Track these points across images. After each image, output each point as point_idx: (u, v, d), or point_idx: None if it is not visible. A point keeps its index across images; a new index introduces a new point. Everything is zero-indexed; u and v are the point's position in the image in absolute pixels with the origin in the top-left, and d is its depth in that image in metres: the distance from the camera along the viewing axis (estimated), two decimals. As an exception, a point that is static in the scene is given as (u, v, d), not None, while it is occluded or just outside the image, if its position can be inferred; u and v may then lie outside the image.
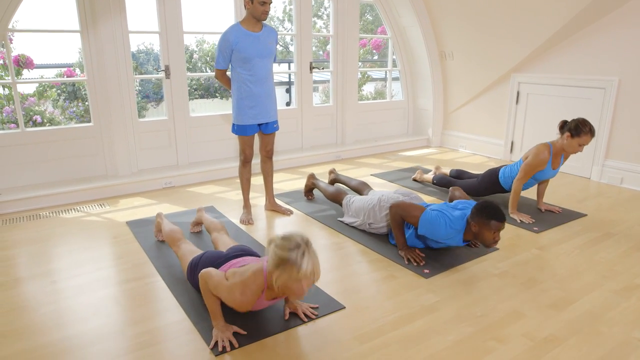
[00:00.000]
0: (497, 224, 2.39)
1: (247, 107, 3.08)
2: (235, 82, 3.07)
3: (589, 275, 2.51)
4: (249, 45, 2.96)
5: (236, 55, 2.97)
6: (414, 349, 1.90)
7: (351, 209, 3.16)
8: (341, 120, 5.28)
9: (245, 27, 2.97)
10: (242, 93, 3.06)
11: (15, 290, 2.36)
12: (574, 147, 3.13)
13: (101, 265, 2.63)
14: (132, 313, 2.15)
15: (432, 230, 2.54)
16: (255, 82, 3.05)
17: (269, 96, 3.15)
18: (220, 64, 3.05)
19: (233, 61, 3.02)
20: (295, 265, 1.69)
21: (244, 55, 2.96)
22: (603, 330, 2.03)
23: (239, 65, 3.01)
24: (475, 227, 2.45)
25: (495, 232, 2.40)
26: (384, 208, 2.90)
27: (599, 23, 4.00)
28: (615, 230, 3.12)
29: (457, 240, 2.57)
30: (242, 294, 1.84)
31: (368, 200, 3.04)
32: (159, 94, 6.48)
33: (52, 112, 4.89)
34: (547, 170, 3.25)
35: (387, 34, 5.64)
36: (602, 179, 4.18)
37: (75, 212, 3.47)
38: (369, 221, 3.00)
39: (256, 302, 1.89)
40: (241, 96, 3.07)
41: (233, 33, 2.94)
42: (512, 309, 2.19)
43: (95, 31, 3.70)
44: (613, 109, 4.01)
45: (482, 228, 2.42)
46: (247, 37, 2.95)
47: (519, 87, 4.74)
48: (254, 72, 3.01)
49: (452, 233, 2.52)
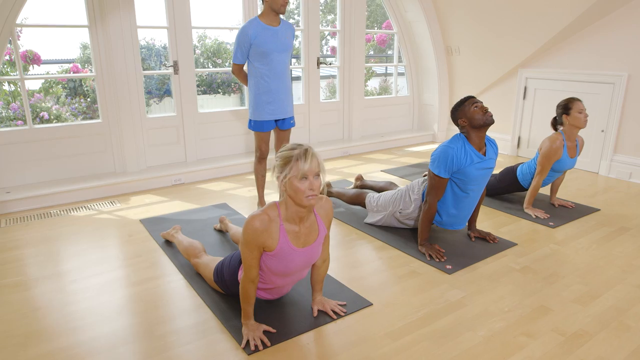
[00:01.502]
0: (469, 100, 2.57)
1: (265, 103, 3.05)
2: (253, 77, 3.04)
3: (610, 270, 2.53)
4: (267, 39, 2.92)
5: (255, 50, 2.94)
6: (447, 345, 1.90)
7: (379, 203, 3.07)
8: (348, 116, 5.26)
9: (264, 21, 2.93)
10: (260, 88, 3.02)
11: (36, 290, 2.32)
12: (576, 118, 3.15)
13: (119, 263, 2.60)
14: (158, 312, 2.13)
15: (445, 158, 2.54)
16: (273, 77, 3.02)
17: (287, 91, 3.12)
18: (238, 59, 3.01)
19: (251, 56, 2.98)
20: (299, 159, 1.72)
21: (262, 50, 2.92)
22: (631, 325, 2.04)
23: (257, 59, 2.98)
24: (463, 120, 2.58)
25: (475, 105, 2.54)
26: (415, 190, 2.87)
27: (607, 18, 4.01)
28: (630, 224, 3.14)
29: (472, 155, 2.56)
30: (261, 223, 1.80)
31: (396, 190, 3.04)
32: (161, 89, 6.42)
33: (58, 108, 4.83)
34: (564, 160, 3.24)
35: (392, 29, 5.62)
36: (611, 174, 4.20)
37: (86, 210, 3.43)
38: (399, 208, 2.93)
39: (284, 251, 1.85)
40: (259, 91, 3.04)
41: (252, 27, 2.91)
42: (538, 304, 2.20)
43: (103, 26, 3.64)
44: (622, 104, 4.03)
45: (466, 114, 2.56)
46: (266, 31, 2.92)
47: (527, 83, 4.74)
48: (272, 66, 2.98)
49: (459, 148, 2.56)
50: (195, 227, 3.08)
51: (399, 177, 4.25)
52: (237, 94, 7.19)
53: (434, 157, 2.62)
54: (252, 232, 1.80)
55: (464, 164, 2.56)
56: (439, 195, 2.64)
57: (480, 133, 2.56)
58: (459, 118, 2.59)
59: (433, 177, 2.62)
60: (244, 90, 6.64)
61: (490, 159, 2.65)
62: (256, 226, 1.80)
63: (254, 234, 1.80)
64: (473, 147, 2.57)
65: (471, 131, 2.57)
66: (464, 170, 2.57)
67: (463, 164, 2.55)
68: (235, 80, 7.01)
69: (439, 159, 2.57)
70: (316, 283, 2.13)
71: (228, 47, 7.10)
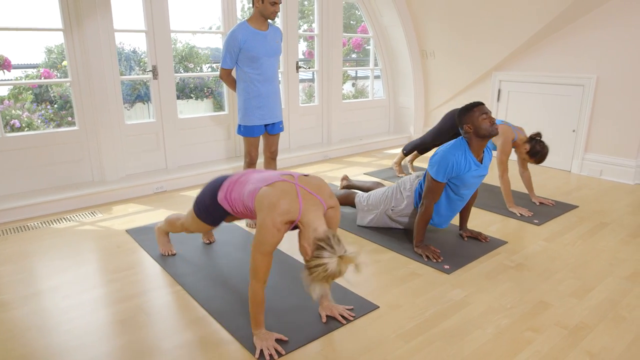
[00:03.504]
0: (479, 108, 2.56)
1: (255, 108, 3.02)
2: (242, 82, 3.00)
3: (597, 264, 2.64)
4: (257, 44, 2.90)
5: (244, 54, 2.91)
6: (459, 344, 1.93)
7: (369, 202, 3.07)
8: (327, 120, 5.28)
9: (253, 26, 2.91)
10: (250, 93, 2.99)
11: (26, 308, 2.19)
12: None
13: (112, 276, 2.50)
14: (162, 326, 2.06)
15: (446, 164, 2.55)
16: (263, 81, 3.00)
17: (276, 96, 3.10)
18: (227, 64, 2.97)
19: (240, 60, 2.95)
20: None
21: (252, 54, 2.90)
22: (625, 315, 2.14)
23: (246, 64, 2.94)
24: (468, 127, 2.56)
25: (484, 115, 2.53)
26: (407, 186, 2.90)
27: (577, 23, 4.21)
28: (608, 219, 3.29)
29: (471, 162, 2.59)
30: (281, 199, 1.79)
31: (386, 188, 3.05)
32: (132, 95, 6.22)
33: (28, 115, 4.59)
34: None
35: (368, 33, 5.68)
36: (583, 172, 4.40)
37: (66, 221, 3.27)
38: (391, 205, 2.94)
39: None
40: (249, 96, 3.00)
41: (241, 31, 2.88)
42: (537, 300, 2.27)
43: (79, 30, 3.50)
44: (592, 105, 4.23)
45: (473, 121, 2.54)
46: (255, 36, 2.90)
47: (500, 85, 4.90)
48: (262, 71, 2.96)
49: (460, 155, 2.57)
50: (186, 236, 3.00)
51: (382, 179, 4.30)
52: (210, 99, 7.07)
53: (433, 161, 2.63)
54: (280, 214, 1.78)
55: (463, 171, 2.60)
56: (435, 198, 2.68)
57: (483, 142, 2.59)
58: (465, 123, 2.57)
59: (431, 181, 2.64)
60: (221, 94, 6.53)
61: (485, 166, 2.71)
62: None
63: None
64: (473, 154, 2.61)
65: (474, 139, 2.58)
66: (461, 176, 2.62)
67: (462, 171, 2.59)
68: (208, 85, 6.91)
69: (439, 165, 2.59)
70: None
71: (199, 51, 6.99)
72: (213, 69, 7.21)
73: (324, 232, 1.69)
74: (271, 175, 1.97)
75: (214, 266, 2.60)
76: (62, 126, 5.24)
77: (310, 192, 1.83)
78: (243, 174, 2.16)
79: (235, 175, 2.18)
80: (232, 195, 2.09)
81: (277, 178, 1.92)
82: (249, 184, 2.02)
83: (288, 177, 1.92)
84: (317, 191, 1.85)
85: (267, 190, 1.85)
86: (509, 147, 3.39)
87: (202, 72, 7.00)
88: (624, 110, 4.05)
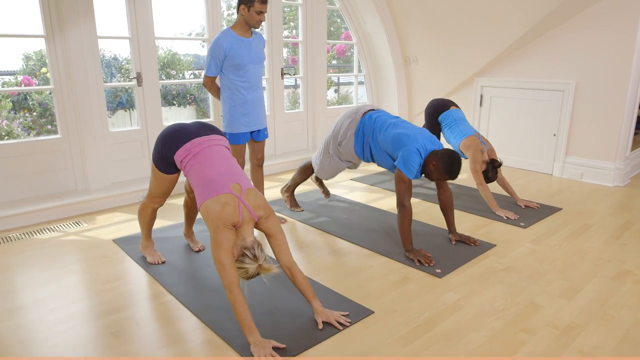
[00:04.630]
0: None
1: (240, 115, 3.01)
2: (227, 90, 2.99)
3: (583, 265, 2.70)
4: (242, 51, 2.90)
5: (229, 62, 2.90)
6: (455, 347, 1.94)
7: (320, 153, 3.40)
8: (312, 126, 5.29)
9: (237, 33, 2.91)
10: (235, 100, 2.99)
11: (12, 322, 2.13)
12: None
13: (100, 287, 2.44)
14: (157, 335, 2.02)
15: (413, 163, 2.80)
16: (248, 88, 3.00)
17: (260, 103, 3.11)
18: (211, 71, 2.95)
19: (225, 68, 2.94)
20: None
21: (237, 62, 2.89)
22: (613, 314, 2.19)
23: (231, 72, 2.94)
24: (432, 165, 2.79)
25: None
26: (346, 121, 3.20)
27: (556, 30, 4.33)
28: (590, 221, 3.38)
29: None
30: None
31: (325, 136, 3.40)
32: (114, 102, 6.13)
33: (8, 124, 4.48)
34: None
35: (352, 40, 5.73)
36: (564, 175, 4.50)
37: (50, 232, 3.19)
38: (338, 141, 3.24)
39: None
40: (234, 103, 3.00)
41: (226, 39, 2.87)
42: (528, 301, 2.30)
43: (62, 36, 3.44)
44: (571, 109, 4.34)
45: (433, 168, 2.81)
46: (240, 43, 2.90)
47: (482, 91, 5.00)
48: (247, 78, 2.96)
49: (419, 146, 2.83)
50: (174, 244, 2.96)
51: (370, 184, 4.32)
52: (192, 106, 7.01)
53: (401, 164, 2.80)
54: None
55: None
56: (410, 194, 2.81)
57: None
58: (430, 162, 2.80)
59: (406, 182, 2.78)
60: (204, 101, 6.47)
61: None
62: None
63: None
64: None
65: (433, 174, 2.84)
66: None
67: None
68: (191, 91, 6.86)
69: (408, 165, 2.78)
70: (305, 291, 2.11)
71: (181, 58, 6.94)
72: (195, 76, 7.16)
73: (251, 242, 1.95)
74: (218, 185, 2.05)
75: (204, 274, 2.57)
76: (41, 134, 5.12)
77: (249, 208, 2.01)
78: (202, 154, 2.21)
79: (195, 145, 2.24)
80: (186, 169, 2.24)
81: (223, 189, 2.02)
82: (200, 177, 2.11)
83: (236, 188, 2.04)
84: (254, 208, 2.03)
85: (210, 205, 1.99)
86: (479, 156, 3.52)
87: (185, 79, 6.95)
88: (603, 115, 4.17)
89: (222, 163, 2.17)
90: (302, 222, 3.38)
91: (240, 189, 2.04)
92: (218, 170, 2.12)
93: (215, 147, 2.25)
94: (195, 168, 2.17)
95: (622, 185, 4.23)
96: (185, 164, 2.24)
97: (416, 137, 2.83)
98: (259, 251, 1.93)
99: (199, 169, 2.15)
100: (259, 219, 2.05)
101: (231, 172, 2.13)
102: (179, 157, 2.26)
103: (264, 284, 2.33)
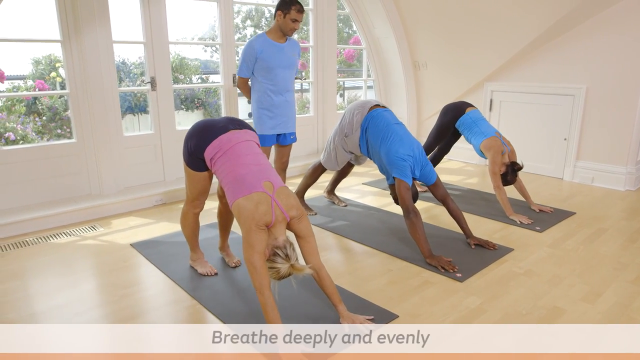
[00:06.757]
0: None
1: (267, 117, 3.09)
2: (256, 92, 3.08)
3: (602, 269, 2.71)
4: (273, 55, 2.98)
5: (260, 65, 2.99)
6: (483, 351, 1.95)
7: (327, 150, 3.45)
8: (322, 130, 5.30)
9: (270, 38, 3.02)
10: (263, 103, 3.07)
11: (37, 326, 2.13)
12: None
13: (123, 292, 2.44)
14: (183, 340, 2.02)
15: (404, 164, 2.89)
16: (276, 92, 3.08)
17: (289, 107, 3.18)
18: (243, 72, 3.06)
19: (256, 70, 3.04)
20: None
21: (267, 65, 2.98)
22: (637, 318, 2.20)
23: (261, 74, 3.03)
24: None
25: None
26: (350, 117, 3.21)
27: (567, 35, 4.35)
28: (605, 225, 3.39)
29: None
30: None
31: (334, 130, 3.42)
32: (123, 107, 6.14)
33: (23, 128, 4.49)
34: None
35: (361, 45, 5.75)
36: (575, 179, 4.52)
37: (66, 236, 3.19)
38: (345, 132, 3.26)
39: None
40: (262, 106, 3.08)
41: (258, 42, 2.98)
42: (551, 305, 2.31)
43: (78, 41, 3.45)
44: (582, 114, 4.36)
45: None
46: (271, 47, 2.98)
47: (492, 95, 5.01)
48: (275, 82, 3.04)
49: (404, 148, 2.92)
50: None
51: (381, 189, 4.33)
52: (200, 110, 7.03)
53: (395, 170, 2.89)
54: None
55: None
56: (411, 198, 2.86)
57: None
58: None
59: (405, 187, 2.82)
60: (211, 105, 6.50)
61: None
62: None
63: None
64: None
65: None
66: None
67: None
68: (198, 96, 6.89)
69: (402, 169, 2.87)
70: (332, 295, 2.12)
71: (189, 62, 6.97)
72: (203, 80, 7.19)
73: (283, 241, 1.93)
74: (250, 183, 2.00)
75: (229, 278, 2.57)
76: (51, 139, 5.12)
77: (281, 208, 1.97)
78: (232, 151, 2.14)
79: (225, 142, 2.17)
80: (216, 166, 2.18)
81: (255, 188, 1.98)
82: (231, 175, 2.07)
83: (268, 186, 2.00)
84: (286, 208, 1.99)
85: (243, 204, 1.96)
86: (499, 158, 3.48)
87: (197, 84, 6.97)
88: (614, 119, 4.19)
89: (254, 160, 2.12)
90: (318, 226, 3.38)
91: (272, 187, 2.00)
92: (250, 167, 2.07)
93: (245, 143, 2.18)
94: (226, 166, 2.11)
95: (634, 189, 4.24)
96: (215, 161, 2.17)
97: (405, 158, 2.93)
98: (291, 251, 1.90)
99: (230, 167, 2.09)
100: (291, 219, 2.01)
101: (263, 169, 2.09)
102: (208, 154, 2.19)
103: (290, 287, 2.33)
